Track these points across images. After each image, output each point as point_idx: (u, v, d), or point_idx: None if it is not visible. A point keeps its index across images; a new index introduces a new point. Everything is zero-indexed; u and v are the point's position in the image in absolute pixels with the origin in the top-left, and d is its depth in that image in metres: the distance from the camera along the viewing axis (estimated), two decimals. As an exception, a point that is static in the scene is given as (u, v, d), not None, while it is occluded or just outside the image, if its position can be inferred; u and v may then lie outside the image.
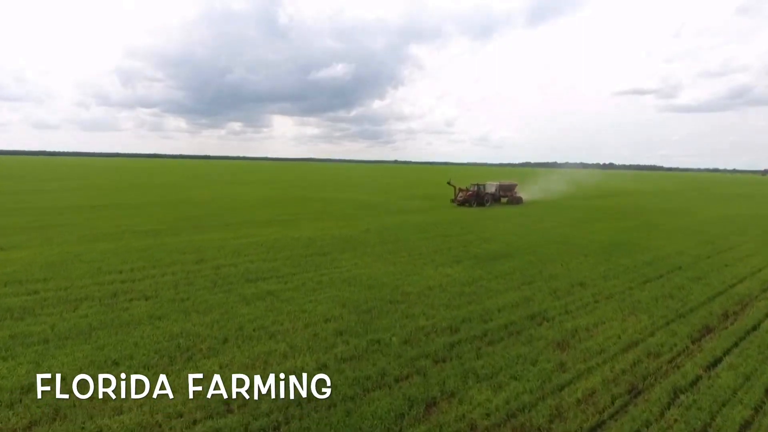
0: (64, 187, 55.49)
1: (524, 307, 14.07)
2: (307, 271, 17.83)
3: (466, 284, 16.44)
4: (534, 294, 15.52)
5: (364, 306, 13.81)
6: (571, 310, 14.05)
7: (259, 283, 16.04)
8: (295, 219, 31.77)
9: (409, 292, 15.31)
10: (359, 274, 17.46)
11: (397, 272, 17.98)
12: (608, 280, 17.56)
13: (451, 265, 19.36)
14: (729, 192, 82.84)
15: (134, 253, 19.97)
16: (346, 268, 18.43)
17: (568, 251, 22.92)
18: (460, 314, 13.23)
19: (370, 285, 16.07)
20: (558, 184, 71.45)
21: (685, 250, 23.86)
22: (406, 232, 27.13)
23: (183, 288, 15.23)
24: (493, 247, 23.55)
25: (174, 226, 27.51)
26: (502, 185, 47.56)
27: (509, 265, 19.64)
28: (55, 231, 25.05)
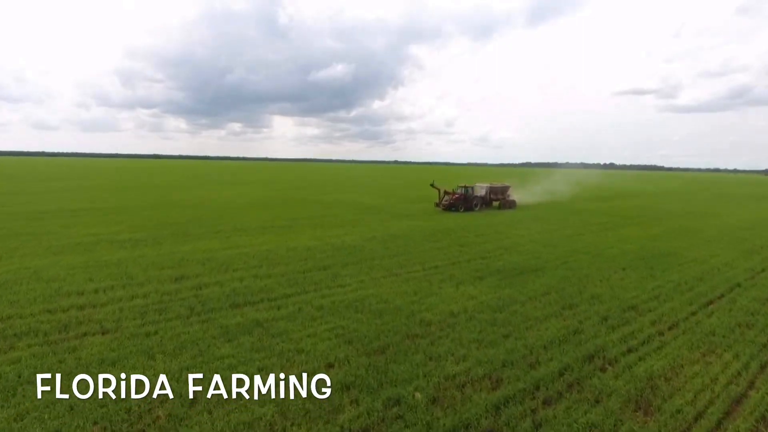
0: (49, 188, 52.63)
1: (575, 343, 11.27)
2: (305, 292, 15.02)
3: (496, 309, 13.63)
4: (582, 323, 12.72)
5: (376, 343, 11.00)
6: (634, 346, 11.25)
7: (247, 309, 13.23)
8: (292, 225, 28.95)
9: (429, 321, 12.51)
10: (367, 296, 14.64)
11: (411, 292, 15.17)
12: (663, 302, 14.76)
13: (474, 282, 16.56)
14: (742, 192, 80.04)
15: (104, 269, 17.14)
16: (350, 287, 15.61)
17: (602, 264, 20.12)
18: (498, 354, 10.43)
19: (381, 311, 13.26)
20: (561, 184, 68.66)
21: (732, 262, 21.10)
22: (416, 241, 24.31)
23: (152, 316, 12.42)
24: (516, 258, 20.74)
25: (157, 233, 24.68)
26: (493, 187, 43.25)
27: (541, 282, 16.83)
28: (22, 240, 22.22)
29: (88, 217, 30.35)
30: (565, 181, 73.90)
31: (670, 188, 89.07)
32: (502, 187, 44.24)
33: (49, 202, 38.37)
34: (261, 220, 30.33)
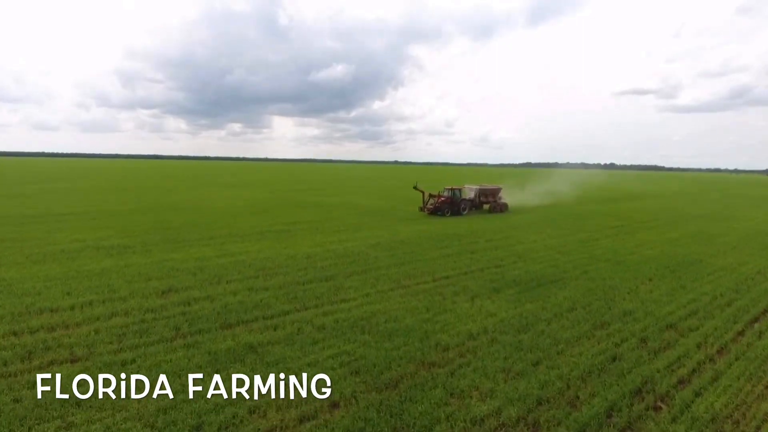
0: (42, 190, 51.10)
1: (617, 373, 9.76)
2: (305, 308, 13.51)
3: (520, 329, 12.12)
4: (618, 346, 11.22)
5: (387, 374, 9.49)
6: (684, 377, 9.76)
7: (239, 329, 11.72)
8: (291, 230, 27.44)
9: (445, 345, 11.00)
10: (374, 313, 13.14)
11: (423, 308, 13.67)
12: (703, 320, 13.25)
13: (490, 296, 15.05)
14: (753, 194, 78.45)
15: (84, 281, 15.63)
16: (355, 302, 14.11)
17: (626, 273, 18.63)
18: (530, 389, 8.93)
19: (391, 332, 11.75)
20: (564, 185, 67.16)
21: (765, 270, 19.67)
22: (423, 247, 22.80)
23: (131, 340, 10.91)
24: (532, 267, 19.24)
25: (147, 239, 23.16)
26: (482, 189, 40.51)
27: (564, 295, 15.33)
28: (2, 247, 20.70)
29: (77, 221, 28.83)
30: (567, 182, 72.52)
31: (677, 189, 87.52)
32: (493, 189, 41.52)
33: (38, 205, 36.83)
34: (258, 225, 28.82)
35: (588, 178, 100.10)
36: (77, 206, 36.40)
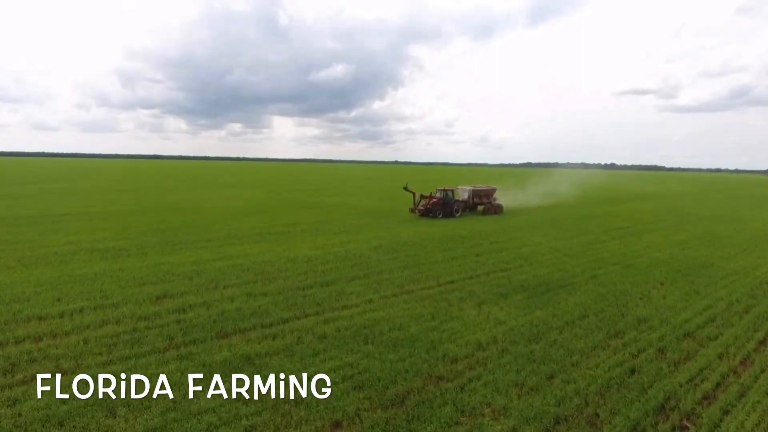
0: (40, 190, 50.54)
1: (637, 388, 9.18)
2: (305, 315, 12.94)
3: (531, 338, 11.54)
4: (635, 357, 10.65)
5: (393, 389, 8.91)
6: (709, 391, 9.19)
7: (236, 339, 11.14)
8: (291, 231, 26.87)
9: (454, 356, 10.42)
10: (377, 320, 12.56)
11: (428, 315, 13.09)
12: (722, 328, 12.68)
13: (498, 302, 14.47)
14: (757, 194, 77.81)
15: (76, 286, 15.05)
16: (358, 309, 13.53)
17: (636, 277, 18.06)
18: (546, 406, 8.35)
19: (395, 341, 11.17)
20: (565, 185, 66.51)
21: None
22: (427, 250, 22.22)
23: (122, 350, 10.33)
24: (539, 271, 18.66)
25: (143, 241, 22.59)
26: (476, 190, 38.99)
27: (574, 300, 14.75)
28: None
29: (73, 222, 28.25)
30: (568, 182, 71.93)
31: (680, 190, 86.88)
32: (488, 189, 40.02)
33: (35, 205, 36.27)
34: (257, 226, 28.23)
35: (589, 179, 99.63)
36: (74, 207, 35.84)
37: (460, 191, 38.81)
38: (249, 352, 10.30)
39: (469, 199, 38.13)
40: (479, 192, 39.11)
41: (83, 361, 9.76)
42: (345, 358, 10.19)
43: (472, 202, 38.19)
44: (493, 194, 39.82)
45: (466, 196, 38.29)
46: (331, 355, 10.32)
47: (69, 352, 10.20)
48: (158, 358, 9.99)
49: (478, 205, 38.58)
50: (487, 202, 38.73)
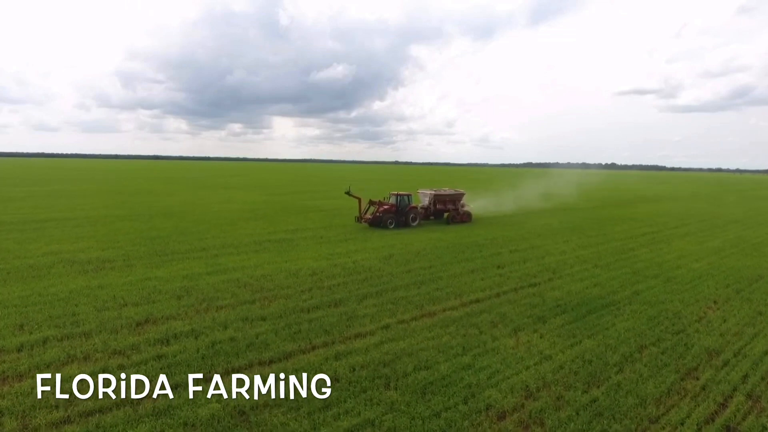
0: (28, 193, 48.40)
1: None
2: (311, 348, 10.87)
3: (589, 380, 9.46)
4: (725, 407, 8.56)
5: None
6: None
7: (227, 382, 9.02)
8: (292, 238, 24.78)
9: (500, 410, 8.34)
10: (398, 354, 10.49)
11: (458, 347, 11.01)
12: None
13: (536, 327, 12.41)
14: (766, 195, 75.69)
15: (46, 308, 12.97)
16: (373, 339, 11.45)
17: (683, 293, 16.00)
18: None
19: (425, 386, 9.09)
20: (570, 186, 64.02)
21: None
22: (443, 260, 20.15)
23: (84, 403, 8.24)
24: (573, 286, 16.60)
25: (130, 251, 20.50)
26: (439, 195, 33.59)
27: (623, 325, 12.67)
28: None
29: (56, 229, 26.16)
30: (573, 183, 69.66)
31: (692, 191, 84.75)
32: (454, 194, 34.47)
33: (18, 210, 34.16)
34: (256, 233, 26.15)
35: (592, 179, 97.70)
36: (61, 211, 33.72)
37: (420, 196, 34.73)
38: (243, 405, 8.22)
39: (430, 205, 33.25)
40: (443, 197, 33.80)
41: (32, 420, 7.68)
42: (364, 412, 8.12)
43: (434, 208, 33.20)
44: (460, 200, 34.29)
45: (427, 202, 33.50)
46: (347, 408, 8.24)
47: (17, 404, 8.14)
48: (128, 415, 7.91)
49: (442, 212, 33.37)
50: (453, 209, 33.23)
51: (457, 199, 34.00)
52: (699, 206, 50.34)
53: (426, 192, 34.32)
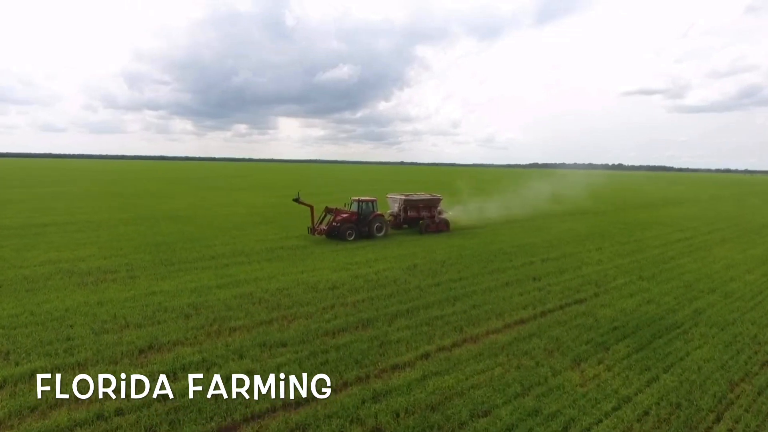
0: (31, 195, 47.08)
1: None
2: (343, 385, 9.25)
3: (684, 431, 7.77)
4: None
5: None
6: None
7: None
8: (306, 245, 23.19)
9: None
10: (447, 394, 8.85)
11: (515, 383, 9.35)
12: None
13: (599, 357, 10.73)
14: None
15: (38, 330, 11.42)
16: (414, 373, 9.80)
17: (751, 312, 14.29)
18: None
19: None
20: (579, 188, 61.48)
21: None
22: (473, 271, 18.48)
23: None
24: (623, 302, 14.90)
25: (133, 260, 18.97)
26: (410, 200, 29.30)
27: (699, 355, 10.97)
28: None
29: (57, 234, 24.69)
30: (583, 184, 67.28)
31: (712, 193, 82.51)
32: (429, 199, 30.07)
33: (19, 213, 32.76)
34: (267, 239, 24.57)
35: (601, 180, 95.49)
36: (63, 214, 32.29)
37: (389, 201, 30.54)
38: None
39: (399, 212, 29.30)
40: (414, 203, 29.43)
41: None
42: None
43: (405, 215, 29.25)
44: (436, 206, 30.09)
45: (397, 208, 29.55)
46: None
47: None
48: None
49: (416, 219, 29.31)
50: (428, 217, 29.23)
51: (433, 205, 29.90)
52: (724, 209, 48.32)
53: (395, 197, 30.06)
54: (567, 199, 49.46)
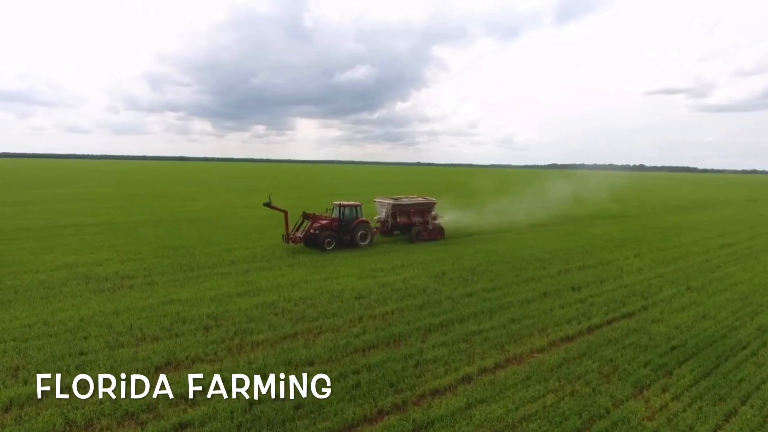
0: (52, 196, 47.39)
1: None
2: (378, 411, 8.32)
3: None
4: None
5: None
6: None
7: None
8: (327, 249, 22.34)
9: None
10: (496, 424, 7.82)
11: (573, 414, 8.28)
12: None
13: (663, 383, 9.57)
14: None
15: (50, 342, 10.73)
16: (456, 399, 8.79)
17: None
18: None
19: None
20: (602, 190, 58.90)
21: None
22: (504, 279, 17.36)
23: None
24: (675, 317, 13.64)
25: (152, 264, 18.34)
26: (400, 205, 26.17)
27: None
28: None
29: (76, 236, 24.32)
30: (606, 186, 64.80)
31: (746, 195, 79.35)
32: (421, 203, 27.00)
33: (38, 214, 32.69)
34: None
35: (624, 181, 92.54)
36: (82, 216, 32.10)
37: (377, 206, 27.54)
38: None
39: (388, 217, 26.08)
40: (404, 207, 26.30)
41: None
42: None
43: (393, 221, 26.08)
44: (430, 210, 27.05)
45: (384, 214, 26.35)
46: None
47: None
48: None
49: (407, 226, 26.19)
50: (421, 222, 26.40)
51: (426, 210, 26.89)
52: (764, 213, 46.03)
53: (384, 201, 26.88)
54: (591, 202, 47.71)
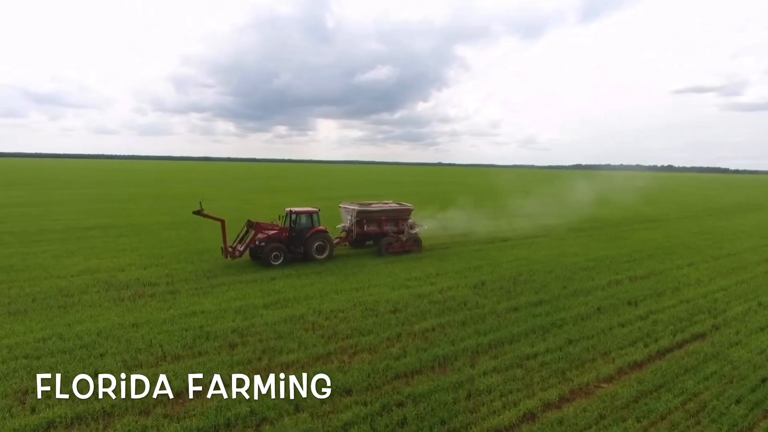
0: (78, 196, 47.63)
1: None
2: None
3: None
4: None
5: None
6: None
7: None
8: (356, 253, 21.29)
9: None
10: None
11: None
12: None
13: (766, 427, 8.04)
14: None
15: (63, 361, 9.84)
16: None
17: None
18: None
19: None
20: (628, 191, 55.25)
21: None
22: (550, 292, 15.89)
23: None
24: (758, 342, 12.05)
25: (174, 270, 17.54)
26: (367, 212, 22.50)
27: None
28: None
29: (98, 238, 23.82)
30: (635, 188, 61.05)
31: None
32: (394, 210, 23.34)
33: (63, 215, 32.52)
34: (315, 247, 22.68)
35: (654, 182, 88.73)
36: (105, 217, 31.78)
37: (342, 212, 23.94)
38: None
39: (352, 225, 22.60)
40: (373, 215, 22.61)
41: None
42: None
43: (359, 230, 22.47)
44: (405, 219, 23.32)
45: (349, 222, 22.91)
46: None
47: None
48: None
49: (379, 235, 22.47)
50: (395, 232, 22.71)
51: (401, 218, 23.15)
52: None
53: (348, 207, 23.25)
54: (623, 204, 45.47)
